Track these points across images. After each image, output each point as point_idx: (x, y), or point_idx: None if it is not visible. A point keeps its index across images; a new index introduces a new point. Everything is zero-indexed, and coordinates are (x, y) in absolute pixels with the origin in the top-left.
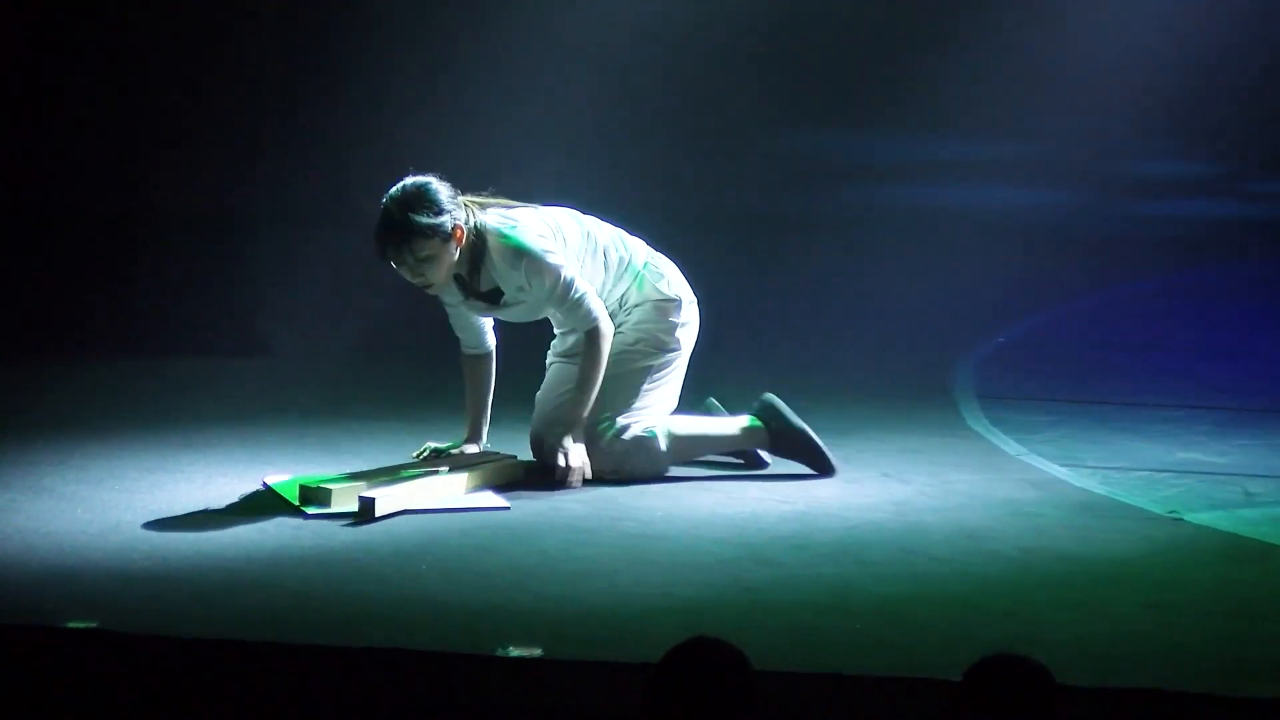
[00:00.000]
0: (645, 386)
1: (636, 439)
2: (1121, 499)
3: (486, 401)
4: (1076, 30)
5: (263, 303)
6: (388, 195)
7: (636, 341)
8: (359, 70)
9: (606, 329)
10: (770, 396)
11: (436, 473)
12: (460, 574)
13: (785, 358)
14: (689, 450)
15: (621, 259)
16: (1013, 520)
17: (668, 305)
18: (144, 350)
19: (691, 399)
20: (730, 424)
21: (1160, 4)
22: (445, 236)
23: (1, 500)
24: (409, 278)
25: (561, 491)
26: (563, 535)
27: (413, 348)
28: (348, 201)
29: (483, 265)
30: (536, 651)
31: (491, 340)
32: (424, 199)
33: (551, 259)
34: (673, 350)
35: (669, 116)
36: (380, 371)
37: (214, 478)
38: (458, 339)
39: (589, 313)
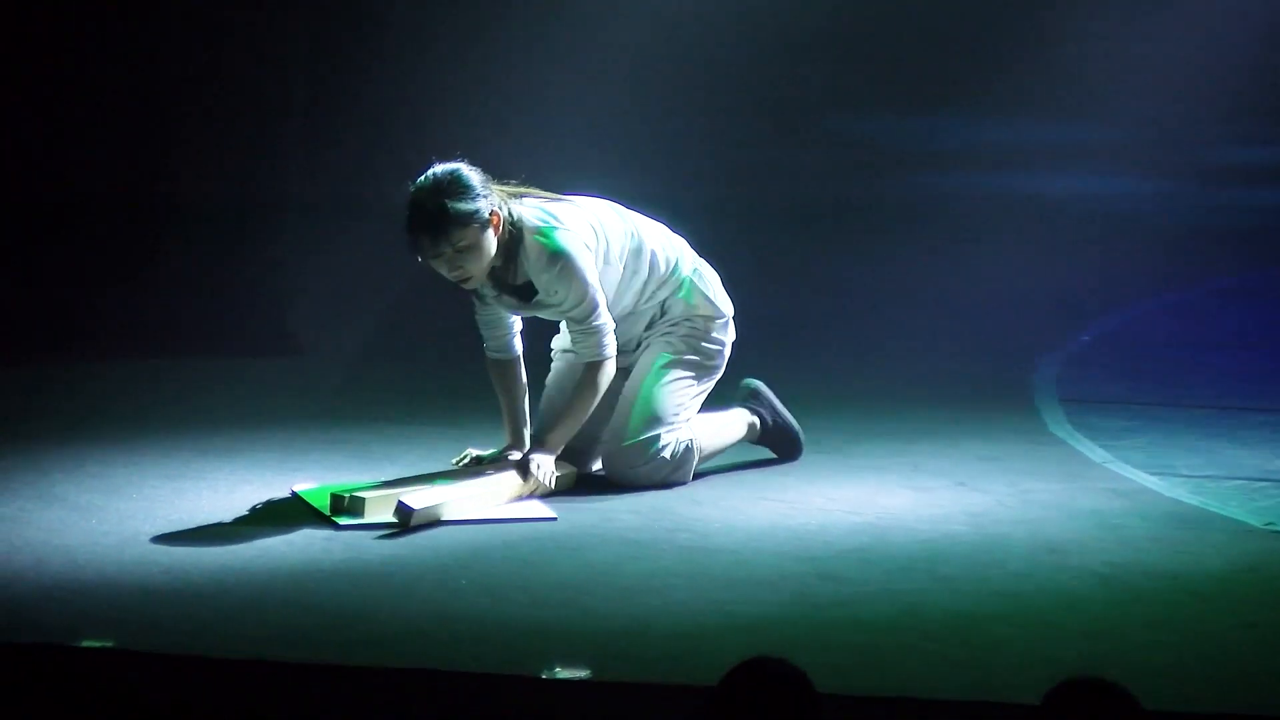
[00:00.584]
0: (688, 402)
1: (675, 454)
2: (1215, 510)
3: (522, 406)
4: (1164, 10)
5: (291, 298)
6: (415, 185)
7: (685, 354)
8: (388, 56)
9: (610, 367)
10: (755, 384)
11: (484, 474)
12: (503, 590)
13: (852, 355)
14: (710, 456)
15: (669, 261)
16: (1097, 533)
17: (716, 321)
18: (164, 349)
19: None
20: (736, 423)
21: None
22: (484, 224)
23: (11, 510)
24: (446, 272)
25: (613, 500)
26: (614, 548)
27: (451, 347)
28: (379, 191)
29: (517, 259)
30: (584, 673)
31: (519, 345)
32: (458, 185)
33: (587, 275)
34: (716, 370)
35: (730, 102)
36: (416, 372)
37: (239, 486)
38: (483, 342)
39: (601, 346)
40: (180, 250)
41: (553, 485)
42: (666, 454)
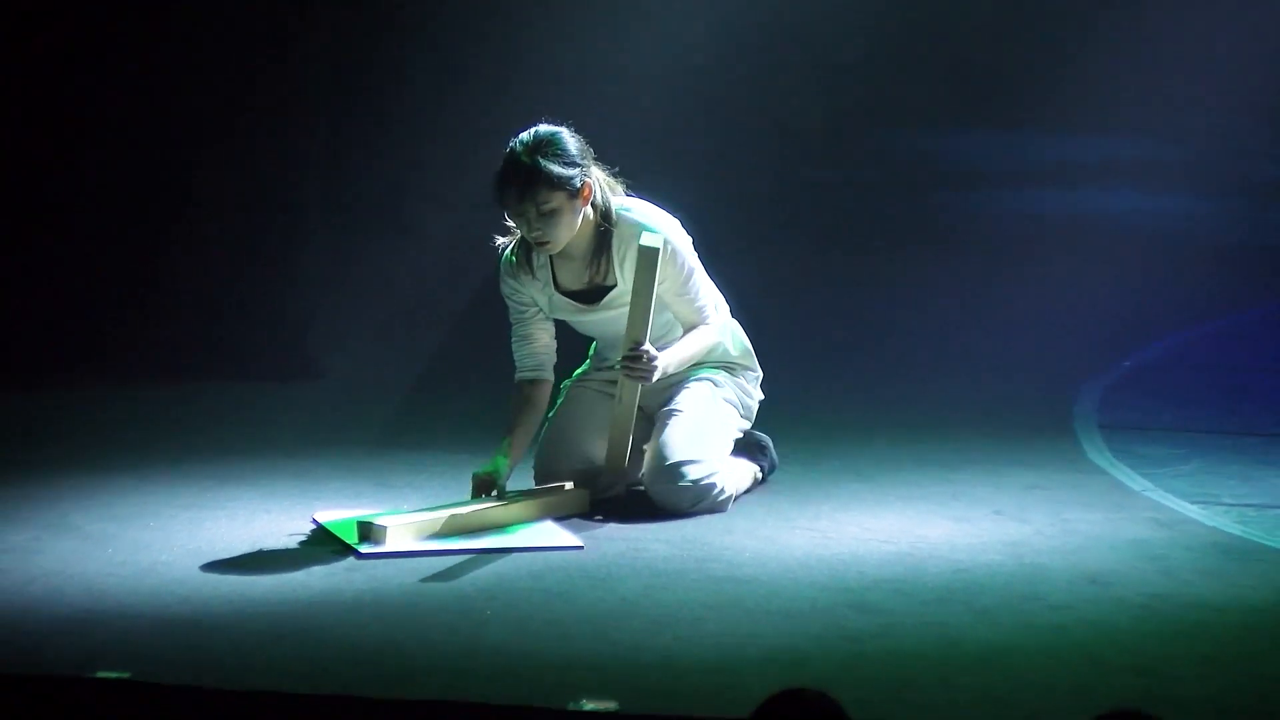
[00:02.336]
0: (728, 440)
1: (722, 489)
2: (1260, 540)
3: (533, 433)
4: (1214, 24)
5: (312, 319)
6: (516, 139)
7: (729, 395)
8: (421, 65)
9: (715, 334)
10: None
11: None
12: (529, 621)
13: (889, 380)
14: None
15: (718, 304)
16: (1139, 563)
17: (751, 374)
18: (180, 374)
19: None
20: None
21: None
22: (573, 192)
23: (25, 540)
24: (526, 232)
25: (642, 530)
26: (643, 579)
27: (477, 371)
28: (405, 207)
29: (608, 252)
30: (612, 705)
31: (551, 367)
32: (555, 146)
33: (691, 253)
34: (747, 420)
35: (765, 121)
36: (441, 399)
37: (257, 514)
38: (517, 365)
39: (704, 307)
40: (198, 268)
41: (654, 380)
42: (715, 484)
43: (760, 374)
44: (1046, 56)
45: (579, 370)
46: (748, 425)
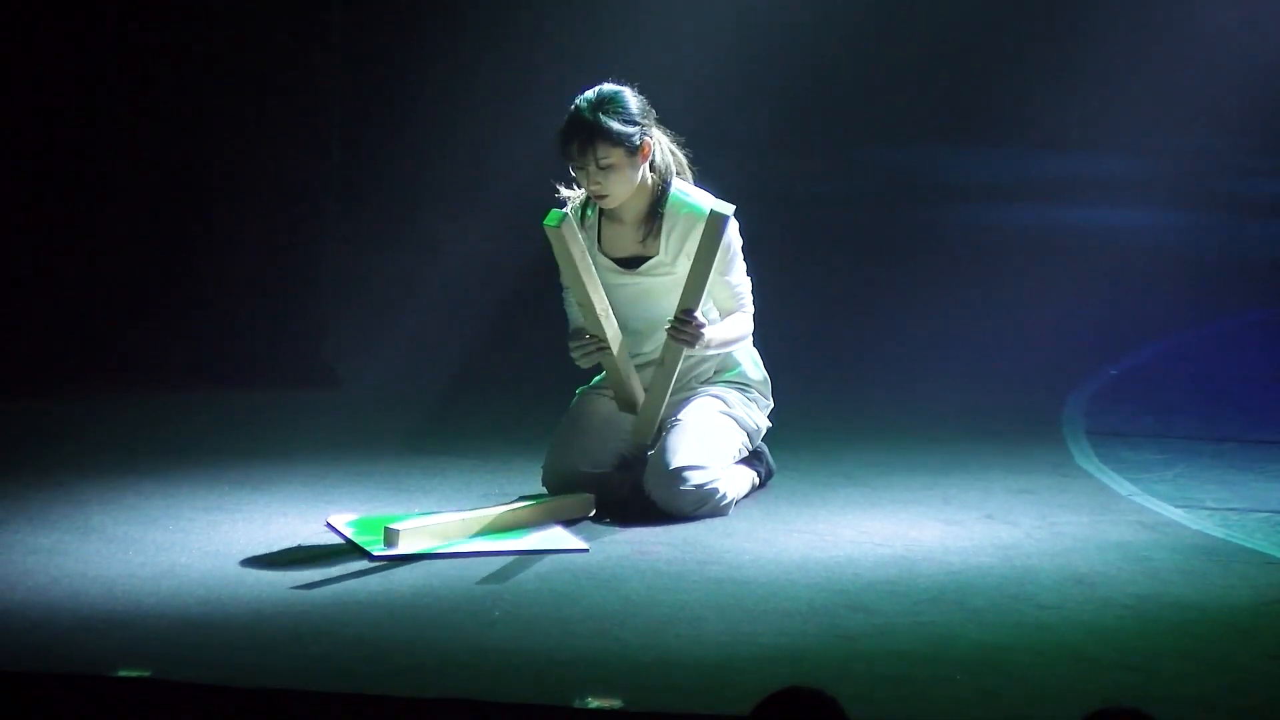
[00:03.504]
0: (734, 451)
1: (723, 496)
2: (1242, 543)
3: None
4: (1198, 45)
5: (330, 327)
6: (580, 96)
7: (739, 410)
8: (437, 78)
9: (749, 324)
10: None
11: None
12: (536, 620)
13: (881, 387)
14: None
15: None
16: (1125, 565)
17: (763, 399)
18: (198, 380)
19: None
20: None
21: None
22: (632, 149)
23: (48, 542)
24: (585, 184)
25: (645, 532)
26: (646, 580)
27: (497, 383)
28: (418, 222)
29: (657, 222)
30: (617, 703)
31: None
32: (617, 103)
33: (739, 240)
34: (754, 438)
35: (767, 133)
36: (459, 408)
37: (274, 518)
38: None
39: (742, 295)
40: (215, 273)
41: (696, 349)
42: (718, 488)
43: (771, 405)
44: (1036, 78)
45: (596, 379)
46: (751, 445)
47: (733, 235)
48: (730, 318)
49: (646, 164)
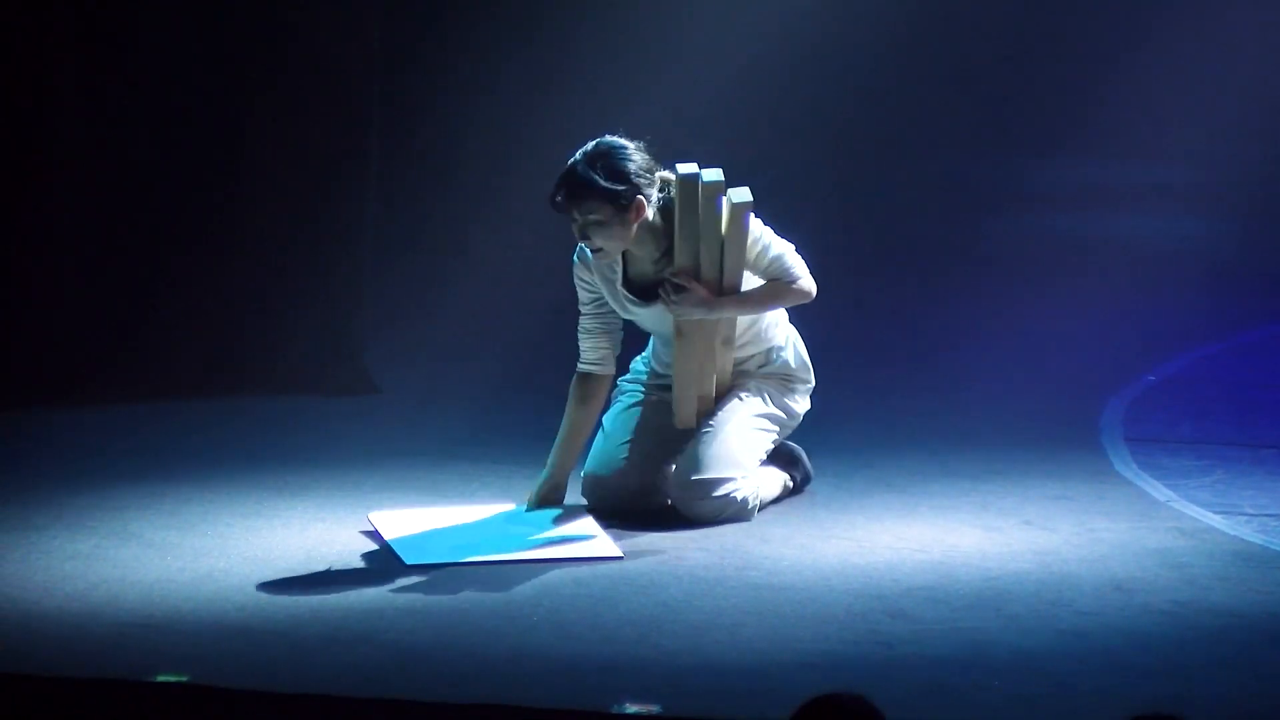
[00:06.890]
0: (762, 453)
1: (745, 499)
2: (1279, 549)
3: (587, 435)
4: (1243, 52)
5: (372, 336)
6: (583, 146)
7: (773, 408)
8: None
9: (793, 292)
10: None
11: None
12: (574, 626)
13: (921, 394)
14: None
15: (782, 312)
16: (1164, 571)
17: (804, 386)
18: (238, 386)
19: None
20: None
21: None
22: (619, 207)
23: (87, 547)
24: (577, 236)
25: (682, 538)
26: (684, 585)
27: (537, 393)
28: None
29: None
30: (655, 708)
31: (614, 361)
32: (610, 160)
33: (765, 229)
34: (789, 430)
35: (809, 141)
36: (497, 417)
37: (312, 524)
38: (580, 356)
39: (793, 266)
40: (254, 279)
41: (689, 309)
42: (738, 495)
43: (813, 384)
44: (1079, 85)
45: (635, 363)
46: (786, 434)
47: (759, 226)
48: (766, 284)
49: (640, 221)
